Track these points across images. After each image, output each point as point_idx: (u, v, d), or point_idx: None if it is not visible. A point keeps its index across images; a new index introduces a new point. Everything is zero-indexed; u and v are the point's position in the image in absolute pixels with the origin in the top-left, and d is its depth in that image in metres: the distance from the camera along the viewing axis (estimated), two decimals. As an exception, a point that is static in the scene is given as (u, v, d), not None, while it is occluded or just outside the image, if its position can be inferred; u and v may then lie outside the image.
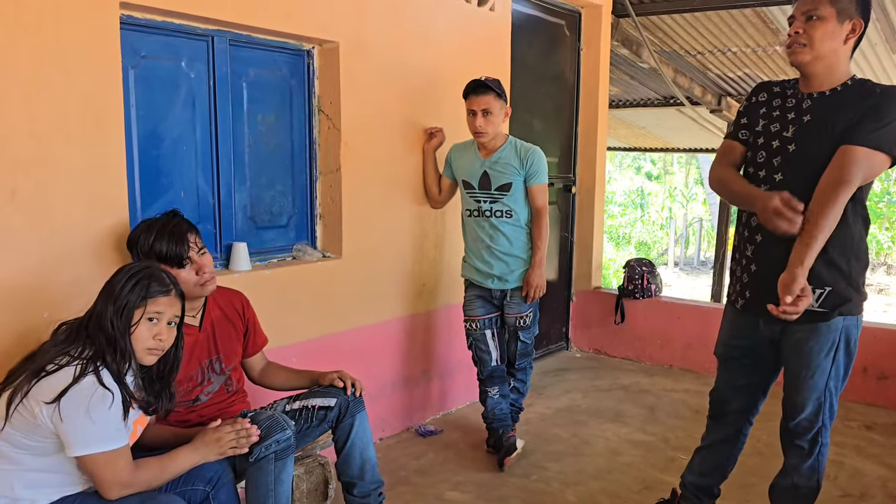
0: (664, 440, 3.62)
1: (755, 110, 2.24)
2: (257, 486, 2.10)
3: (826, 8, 2.00)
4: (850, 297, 2.12)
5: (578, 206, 5.16)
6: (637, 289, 4.95)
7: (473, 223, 3.35)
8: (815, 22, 2.01)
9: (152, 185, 2.66)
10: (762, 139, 2.18)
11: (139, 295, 1.86)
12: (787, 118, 2.13)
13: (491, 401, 3.38)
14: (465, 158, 3.36)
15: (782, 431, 2.32)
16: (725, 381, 2.44)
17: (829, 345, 2.13)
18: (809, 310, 2.06)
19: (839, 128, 2.02)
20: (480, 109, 3.17)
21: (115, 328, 1.83)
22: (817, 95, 2.10)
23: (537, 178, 3.27)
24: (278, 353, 2.75)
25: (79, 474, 1.84)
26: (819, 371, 2.15)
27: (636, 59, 6.03)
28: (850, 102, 2.04)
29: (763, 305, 2.06)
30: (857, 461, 3.40)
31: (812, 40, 2.03)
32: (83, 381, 1.75)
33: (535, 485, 3.13)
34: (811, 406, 2.20)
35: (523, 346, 3.44)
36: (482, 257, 3.33)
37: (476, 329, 3.40)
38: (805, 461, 2.27)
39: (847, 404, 4.14)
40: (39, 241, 2.19)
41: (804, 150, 2.07)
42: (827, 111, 2.06)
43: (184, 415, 2.27)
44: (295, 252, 3.17)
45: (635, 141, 10.88)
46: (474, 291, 3.41)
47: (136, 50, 2.55)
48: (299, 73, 3.14)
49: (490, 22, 3.92)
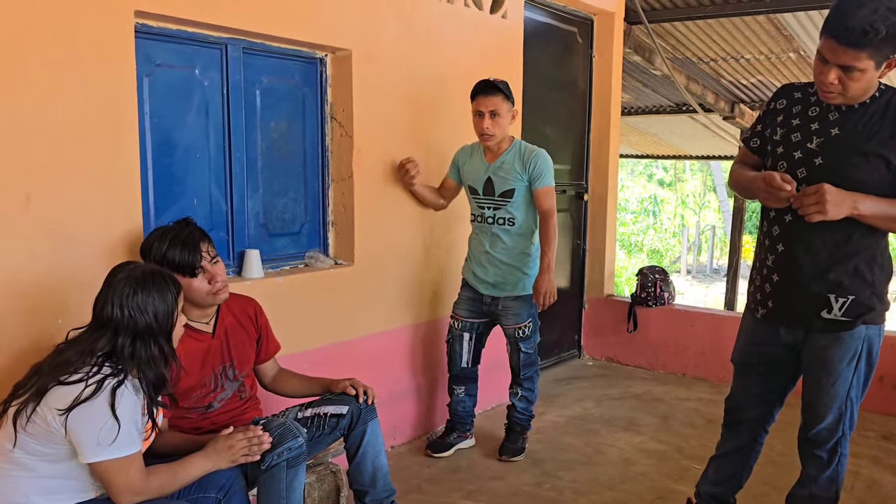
0: (678, 449, 3.59)
1: (773, 117, 2.18)
2: (269, 493, 2.09)
3: (865, 61, 1.85)
4: (874, 306, 2.09)
5: (591, 214, 5.14)
6: (650, 296, 4.92)
7: (476, 228, 3.35)
8: (854, 74, 1.88)
9: (166, 192, 2.67)
10: (781, 148, 2.11)
11: (174, 297, 1.91)
12: (811, 128, 2.06)
13: (456, 398, 3.49)
14: (472, 163, 3.33)
15: (801, 441, 2.29)
16: (742, 389, 2.41)
17: (852, 353, 2.10)
18: (832, 319, 2.05)
19: (871, 142, 1.96)
20: (488, 111, 3.12)
21: (160, 334, 1.88)
22: (846, 108, 2.02)
23: (542, 181, 3.22)
24: (291, 360, 2.75)
25: (92, 481, 1.84)
26: (841, 379, 2.12)
27: (648, 66, 6.02)
28: (880, 115, 1.97)
29: (785, 315, 2.04)
30: (874, 472, 3.36)
31: (848, 90, 1.93)
32: (96, 389, 1.75)
33: (548, 494, 3.11)
34: (832, 415, 2.17)
35: (526, 357, 3.40)
36: (480, 262, 3.33)
37: (457, 328, 3.43)
38: (824, 471, 2.24)
39: (864, 414, 4.07)
40: (53, 248, 2.21)
41: (832, 165, 1.99)
42: (856, 125, 1.99)
43: (196, 422, 2.27)
44: (307, 259, 3.17)
45: (647, 148, 10.86)
46: (467, 292, 3.42)
47: (150, 58, 2.57)
48: (312, 80, 3.15)
49: (502, 29, 3.92)
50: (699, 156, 10.90)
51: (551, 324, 4.94)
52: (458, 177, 3.42)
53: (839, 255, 2.04)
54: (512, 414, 3.50)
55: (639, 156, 11.84)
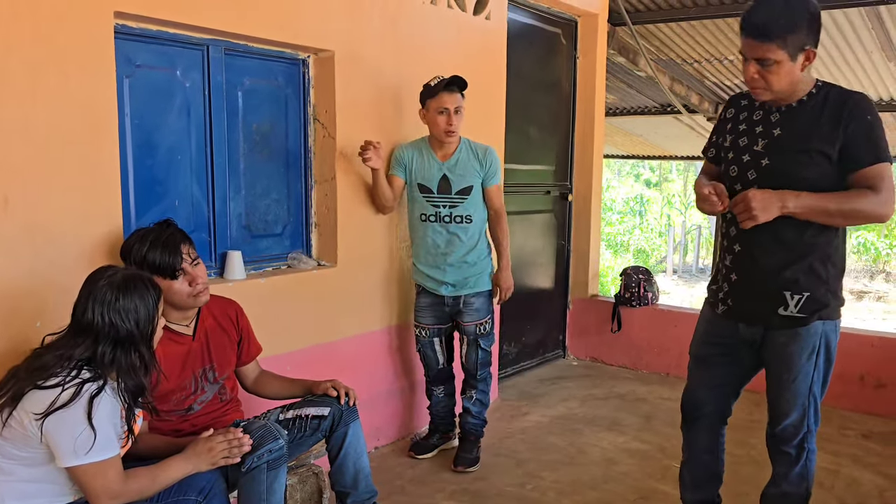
0: (660, 449, 3.61)
1: (723, 126, 2.28)
2: (250, 495, 2.08)
3: (777, 52, 1.97)
4: (828, 302, 2.15)
5: (575, 214, 5.16)
6: (634, 297, 4.94)
7: (429, 229, 3.24)
8: (770, 66, 2.00)
9: (147, 193, 2.66)
10: (731, 154, 2.20)
11: (154, 302, 1.90)
12: (756, 132, 2.15)
13: (436, 398, 3.48)
14: (422, 161, 3.25)
15: (768, 438, 2.34)
16: (699, 381, 2.45)
17: (810, 349, 2.16)
18: (789, 315, 2.13)
19: (812, 140, 2.04)
20: (454, 107, 3.12)
21: (141, 341, 1.88)
22: (785, 108, 2.12)
23: (496, 179, 3.26)
24: (272, 362, 2.74)
25: (70, 485, 1.83)
26: (802, 374, 2.18)
27: (633, 68, 6.05)
28: (819, 112, 2.06)
29: (744, 313, 2.16)
30: (853, 470, 3.39)
31: (770, 84, 2.04)
32: (73, 395, 1.74)
33: (531, 494, 3.12)
34: (796, 411, 2.22)
35: (484, 355, 3.37)
36: (436, 264, 3.26)
37: (425, 336, 3.38)
38: (793, 468, 2.28)
39: (844, 413, 4.14)
40: (32, 249, 2.19)
41: (778, 165, 2.09)
42: (796, 124, 2.09)
43: (176, 424, 2.26)
44: (290, 260, 3.17)
45: (633, 149, 10.90)
46: (426, 299, 3.35)
47: (130, 59, 2.55)
48: (294, 81, 3.14)
49: (486, 31, 3.93)
50: (684, 156, 10.94)
51: (536, 324, 4.96)
52: (405, 175, 3.28)
53: (794, 254, 2.11)
54: (466, 420, 3.43)
55: (624, 156, 11.87)
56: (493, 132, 4.04)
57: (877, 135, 2.02)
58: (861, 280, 15.97)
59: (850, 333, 4.28)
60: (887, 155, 2.03)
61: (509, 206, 3.62)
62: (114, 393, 1.83)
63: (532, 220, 4.82)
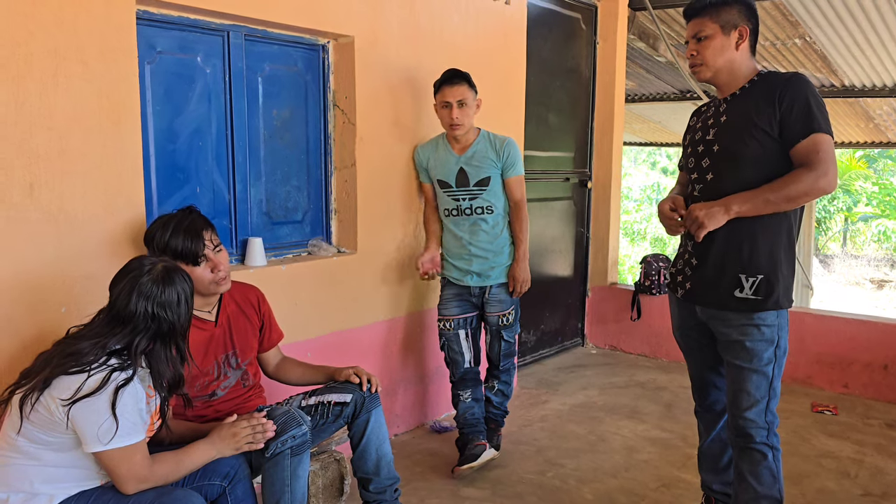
0: (682, 438, 3.59)
1: (687, 134, 2.40)
2: (273, 481, 2.09)
3: (710, 26, 2.16)
4: (781, 283, 2.18)
5: (594, 202, 5.12)
6: (653, 284, 4.91)
7: (452, 223, 3.26)
8: (704, 42, 2.18)
9: (168, 180, 2.66)
10: (690, 148, 2.32)
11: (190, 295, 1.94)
12: (708, 123, 2.28)
13: (463, 405, 3.28)
14: (439, 157, 3.26)
15: (731, 438, 2.31)
16: (693, 366, 2.51)
17: (766, 342, 2.18)
18: (744, 297, 2.16)
19: (755, 120, 2.11)
20: (456, 101, 3.09)
21: (179, 333, 1.90)
22: (730, 97, 2.23)
23: (515, 170, 3.22)
24: (294, 349, 2.74)
25: (97, 469, 1.84)
26: (756, 361, 2.19)
27: (653, 53, 5.98)
28: (759, 95, 2.14)
29: (702, 295, 2.24)
30: (878, 459, 3.35)
31: (706, 59, 2.19)
32: (101, 383, 1.74)
33: (552, 482, 3.11)
34: (757, 406, 2.21)
35: (507, 346, 3.33)
36: (461, 255, 3.25)
37: (449, 329, 3.28)
38: (759, 466, 2.23)
39: (867, 402, 4.10)
40: (57, 236, 2.20)
41: (727, 147, 2.17)
42: (740, 107, 2.18)
43: (200, 410, 2.27)
44: (310, 247, 3.17)
45: (651, 136, 10.80)
46: (452, 290, 3.32)
47: (152, 45, 2.55)
48: (314, 67, 3.13)
49: (506, 16, 3.89)
50: (703, 143, 10.84)
51: (554, 312, 4.95)
52: (428, 178, 3.33)
53: (750, 237, 2.15)
54: (488, 409, 3.38)
55: (642, 143, 11.78)
56: (513, 119, 4.01)
57: (811, 109, 2.05)
58: (882, 269, 15.80)
59: (872, 322, 4.25)
60: (822, 126, 2.05)
61: (528, 193, 3.58)
62: (141, 382, 1.83)
63: (551, 207, 4.79)
